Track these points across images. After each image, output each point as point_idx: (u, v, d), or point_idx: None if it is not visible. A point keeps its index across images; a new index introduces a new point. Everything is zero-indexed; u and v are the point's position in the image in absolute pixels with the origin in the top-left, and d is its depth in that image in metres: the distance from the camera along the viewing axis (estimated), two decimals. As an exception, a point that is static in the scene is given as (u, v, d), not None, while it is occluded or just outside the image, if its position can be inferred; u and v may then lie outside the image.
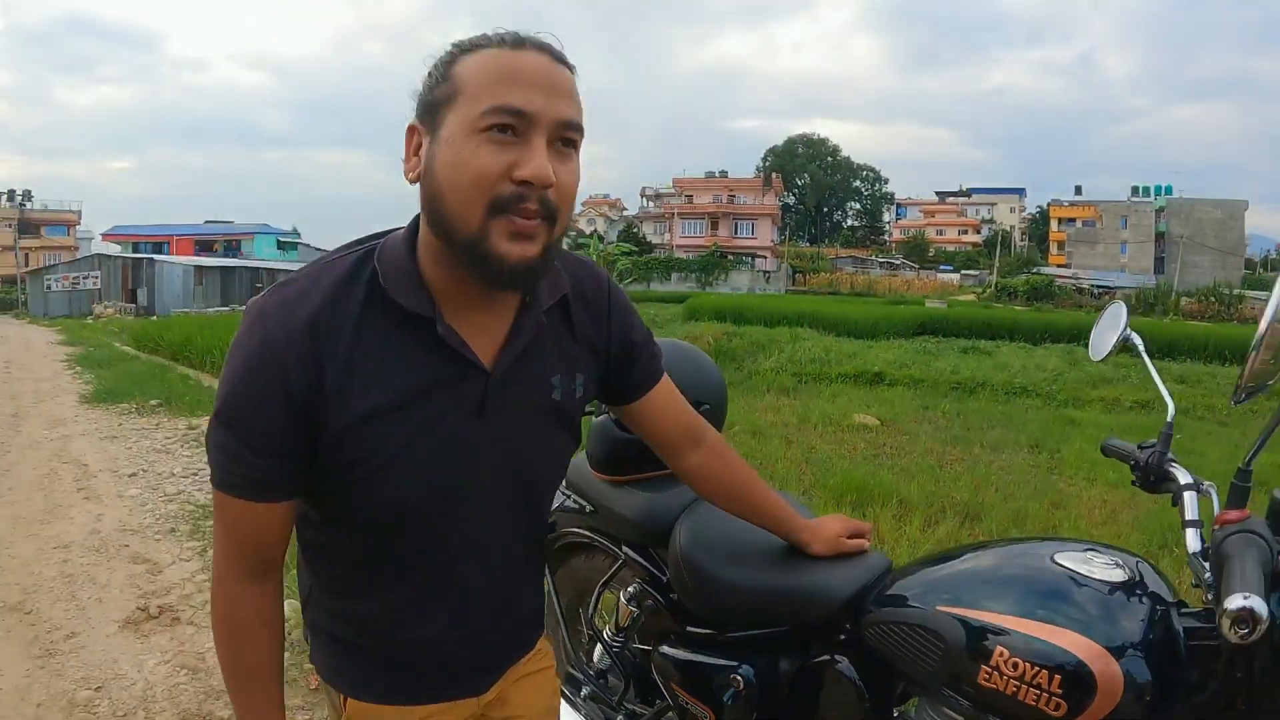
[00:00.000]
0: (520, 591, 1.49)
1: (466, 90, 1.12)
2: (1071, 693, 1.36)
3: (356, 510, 1.25)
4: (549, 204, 1.14)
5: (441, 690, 1.43)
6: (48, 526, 6.05)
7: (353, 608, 1.37)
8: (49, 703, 3.63)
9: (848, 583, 1.79)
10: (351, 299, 1.19)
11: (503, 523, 1.37)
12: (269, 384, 1.15)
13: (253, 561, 1.28)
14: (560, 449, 1.42)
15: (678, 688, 2.06)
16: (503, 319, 1.28)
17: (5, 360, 19.45)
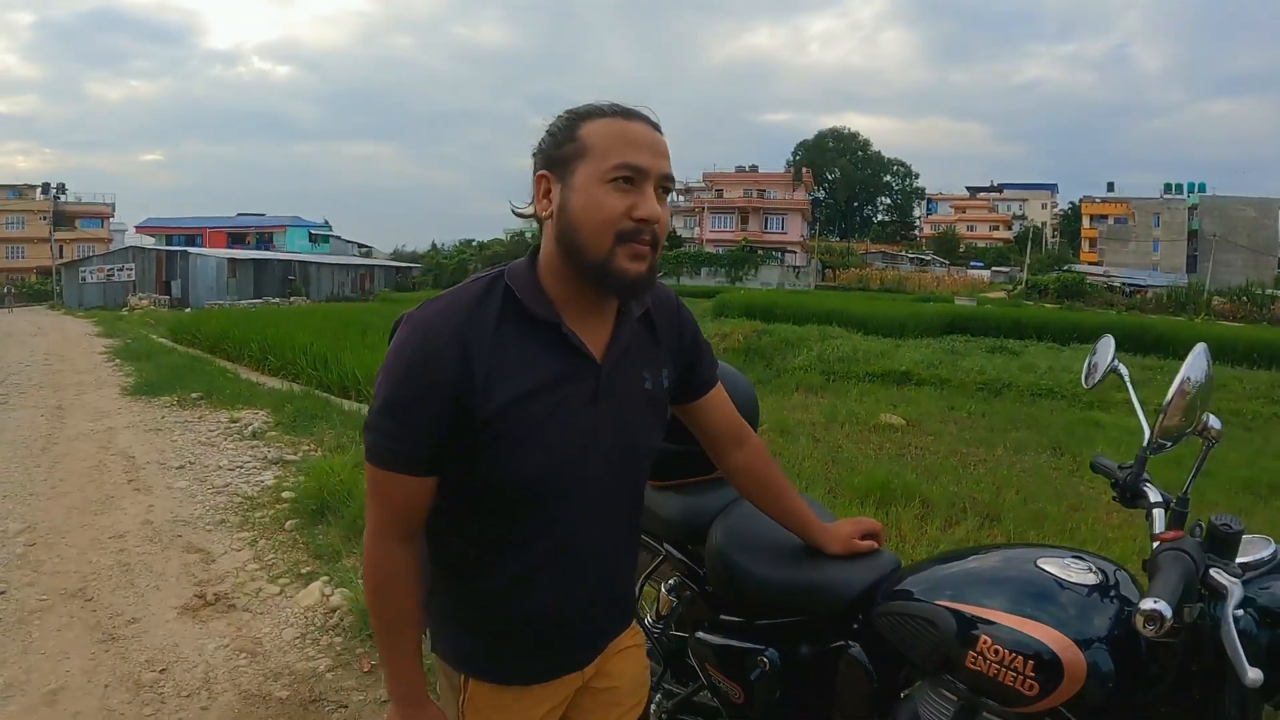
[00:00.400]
0: (621, 566, 1.76)
1: (595, 150, 1.48)
2: (1042, 676, 1.60)
3: (494, 486, 1.53)
4: (655, 235, 1.51)
5: (554, 667, 1.69)
6: (101, 517, 6.31)
7: (476, 586, 1.64)
8: (116, 684, 3.86)
9: (860, 579, 2.04)
10: (487, 311, 1.51)
11: (611, 498, 1.65)
12: (428, 380, 1.46)
13: (400, 527, 1.57)
14: (654, 433, 1.71)
15: (712, 669, 2.32)
16: (606, 326, 1.61)
17: (45, 352, 19.87)
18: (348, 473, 6.42)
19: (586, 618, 1.71)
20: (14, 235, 77.19)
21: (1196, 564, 1.54)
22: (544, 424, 1.51)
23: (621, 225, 1.47)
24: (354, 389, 11.80)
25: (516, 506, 1.56)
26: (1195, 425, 1.81)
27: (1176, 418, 1.79)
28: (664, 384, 1.72)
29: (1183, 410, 1.79)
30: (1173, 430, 1.80)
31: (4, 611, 4.58)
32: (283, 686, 3.84)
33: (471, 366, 1.47)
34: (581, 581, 1.65)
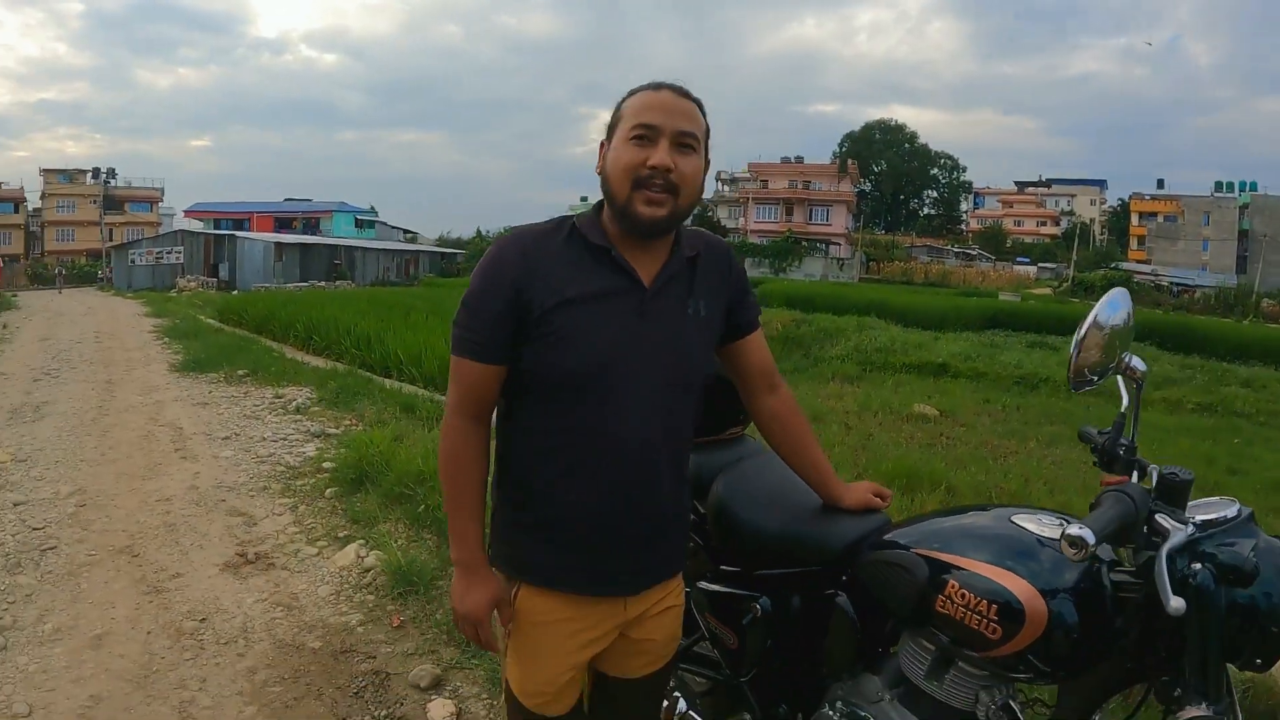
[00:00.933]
0: (667, 485, 1.91)
1: (624, 117, 1.82)
2: (1005, 621, 1.70)
3: (543, 374, 1.81)
4: (671, 183, 1.77)
5: (597, 580, 1.89)
6: (149, 482, 6.56)
7: (529, 480, 1.89)
8: (158, 631, 4.07)
9: (849, 532, 2.16)
10: (554, 239, 1.85)
11: (658, 409, 1.85)
12: (495, 279, 1.80)
13: (470, 406, 1.87)
14: (698, 353, 1.93)
15: (709, 616, 2.46)
16: (657, 260, 1.88)
17: (96, 331, 20.30)
18: (387, 445, 6.59)
19: (629, 528, 1.88)
20: (64, 218, 78.41)
21: (1137, 506, 1.64)
22: (589, 325, 1.78)
23: (637, 173, 1.76)
24: (396, 369, 12.00)
25: (564, 397, 1.82)
26: (1117, 364, 1.91)
27: (1095, 354, 1.88)
28: (702, 312, 1.93)
29: (1100, 347, 1.87)
30: (1095, 367, 1.90)
31: (55, 565, 4.81)
32: (316, 638, 4.03)
33: (532, 271, 1.78)
34: (624, 486, 1.85)
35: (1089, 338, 1.86)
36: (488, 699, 3.50)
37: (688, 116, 1.82)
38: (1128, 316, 1.93)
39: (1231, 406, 13.45)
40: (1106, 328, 1.87)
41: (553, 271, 1.79)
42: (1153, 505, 1.68)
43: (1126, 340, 1.93)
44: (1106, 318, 1.88)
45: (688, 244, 1.93)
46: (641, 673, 2.06)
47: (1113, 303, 1.91)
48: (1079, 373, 1.90)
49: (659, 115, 1.78)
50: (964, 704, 1.90)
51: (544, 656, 1.93)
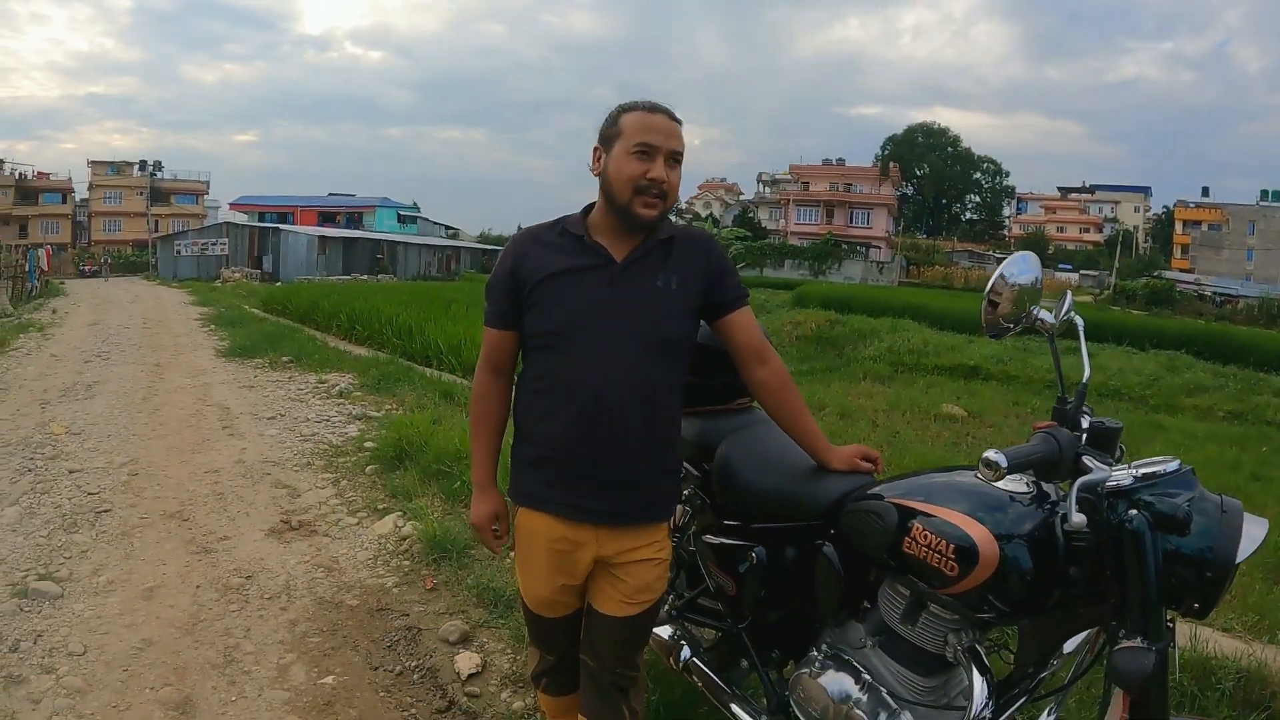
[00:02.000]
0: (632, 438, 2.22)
1: (625, 133, 2.20)
2: (961, 560, 1.94)
3: (535, 330, 2.25)
4: (664, 191, 2.20)
5: (572, 504, 2.26)
6: (198, 455, 6.86)
7: (525, 421, 2.32)
8: (206, 585, 4.36)
9: (836, 489, 2.40)
10: (550, 232, 2.33)
11: (619, 361, 2.19)
12: (501, 268, 2.33)
13: (491, 362, 2.41)
14: (669, 320, 2.27)
15: (712, 565, 2.75)
16: (632, 243, 2.26)
17: (143, 318, 20.76)
18: (425, 427, 6.86)
19: (600, 467, 2.23)
20: (111, 210, 79.67)
21: (1062, 447, 1.88)
22: (564, 292, 2.22)
23: (639, 182, 2.17)
24: (436, 358, 12.29)
25: (548, 351, 2.25)
26: (1028, 316, 2.21)
27: (1006, 307, 2.19)
28: (673, 285, 2.26)
29: (1011, 301, 2.18)
30: (1007, 317, 2.21)
31: (109, 526, 5.12)
32: (354, 597, 4.30)
33: (526, 258, 2.28)
34: (593, 426, 2.19)
35: (997, 291, 2.17)
36: (511, 653, 3.73)
37: (677, 138, 2.23)
38: (1035, 280, 2.21)
39: (1263, 415, 13.35)
40: (1013, 283, 2.18)
41: (541, 255, 2.26)
42: (1080, 449, 1.90)
43: (1035, 297, 2.20)
44: (1012, 274, 2.19)
45: (663, 231, 2.30)
46: (616, 612, 2.34)
47: (1019, 265, 2.21)
48: (992, 323, 2.22)
49: (658, 137, 2.19)
50: (934, 646, 2.13)
51: (535, 569, 2.36)
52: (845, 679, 2.25)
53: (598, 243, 2.26)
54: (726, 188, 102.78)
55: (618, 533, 2.28)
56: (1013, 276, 2.19)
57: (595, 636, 2.39)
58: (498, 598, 4.15)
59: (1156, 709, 1.76)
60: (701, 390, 2.65)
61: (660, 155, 2.18)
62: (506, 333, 2.34)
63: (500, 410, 2.45)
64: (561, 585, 2.35)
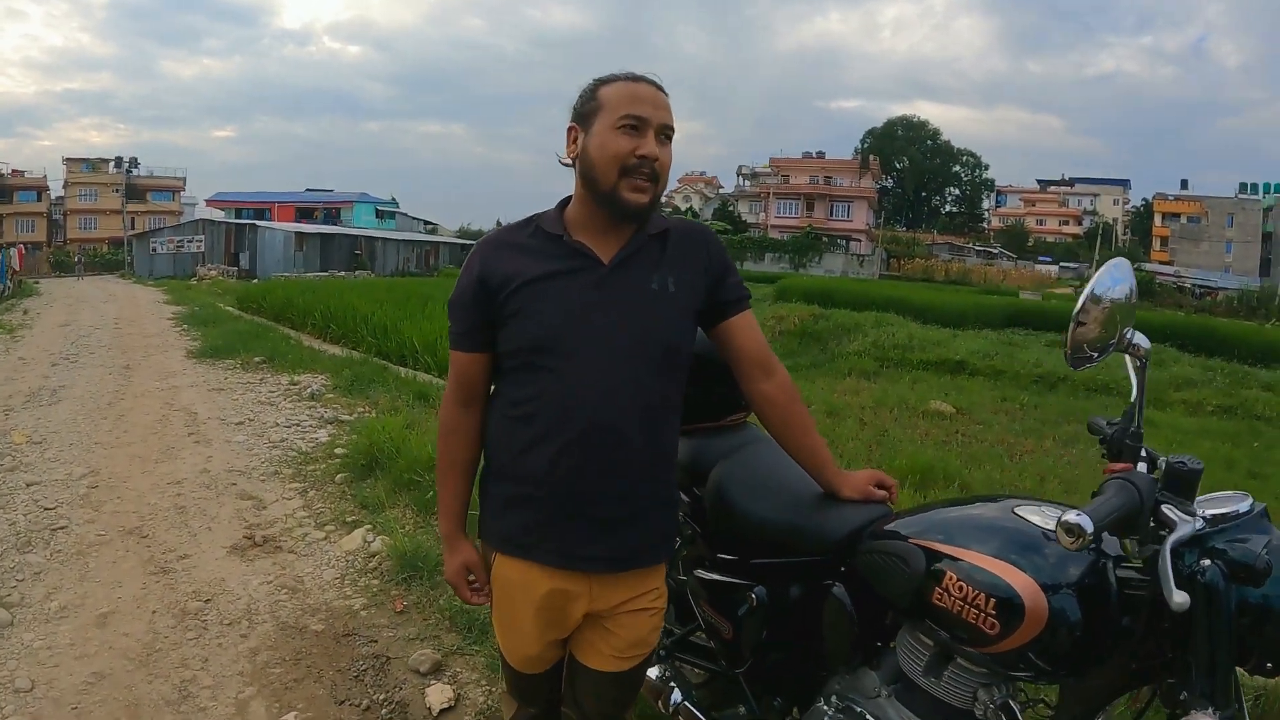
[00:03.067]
0: (633, 470, 1.93)
1: (608, 105, 1.88)
2: (1004, 616, 1.64)
3: (512, 346, 1.92)
4: (655, 171, 1.88)
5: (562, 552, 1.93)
6: (161, 465, 6.58)
7: (503, 452, 1.99)
8: (163, 610, 4.09)
9: (847, 523, 2.10)
10: (520, 233, 1.99)
11: (615, 378, 1.88)
12: (465, 281, 1.98)
13: (462, 393, 2.05)
14: (665, 326, 1.96)
15: (705, 605, 2.44)
16: (620, 240, 1.96)
17: (115, 317, 20.46)
18: (398, 432, 6.60)
19: (595, 505, 1.91)
20: (87, 207, 78.85)
21: (1143, 496, 1.57)
22: (545, 300, 1.89)
23: (626, 161, 1.85)
24: (411, 357, 12.02)
25: (530, 368, 1.91)
26: (1119, 341, 1.80)
27: (1094, 329, 1.78)
28: (669, 287, 1.96)
29: (1101, 322, 1.77)
30: (1094, 342, 1.79)
31: (64, 544, 4.84)
32: (319, 621, 4.03)
33: (495, 264, 1.94)
34: (585, 456, 1.88)
35: (1087, 311, 1.76)
36: (486, 685, 3.49)
37: (668, 110, 1.93)
38: (1130, 291, 1.80)
39: (1252, 410, 13.28)
40: (1105, 300, 1.77)
41: (513, 260, 1.94)
42: (1159, 495, 1.60)
43: (1129, 316, 1.80)
44: (1105, 290, 1.77)
45: (653, 223, 2.00)
46: (604, 667, 2.06)
47: (1112, 274, 1.80)
48: (1077, 348, 1.80)
49: (647, 108, 1.88)
50: (962, 702, 1.84)
51: (519, 625, 2.04)
52: (859, 734, 1.97)
53: (579, 242, 1.94)
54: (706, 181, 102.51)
55: (615, 581, 1.97)
56: (1106, 292, 1.78)
57: (581, 692, 2.11)
58: (471, 622, 3.89)
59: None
60: (694, 405, 2.20)
61: (651, 129, 1.87)
62: (477, 355, 2.00)
63: (473, 449, 2.09)
64: (550, 641, 2.05)
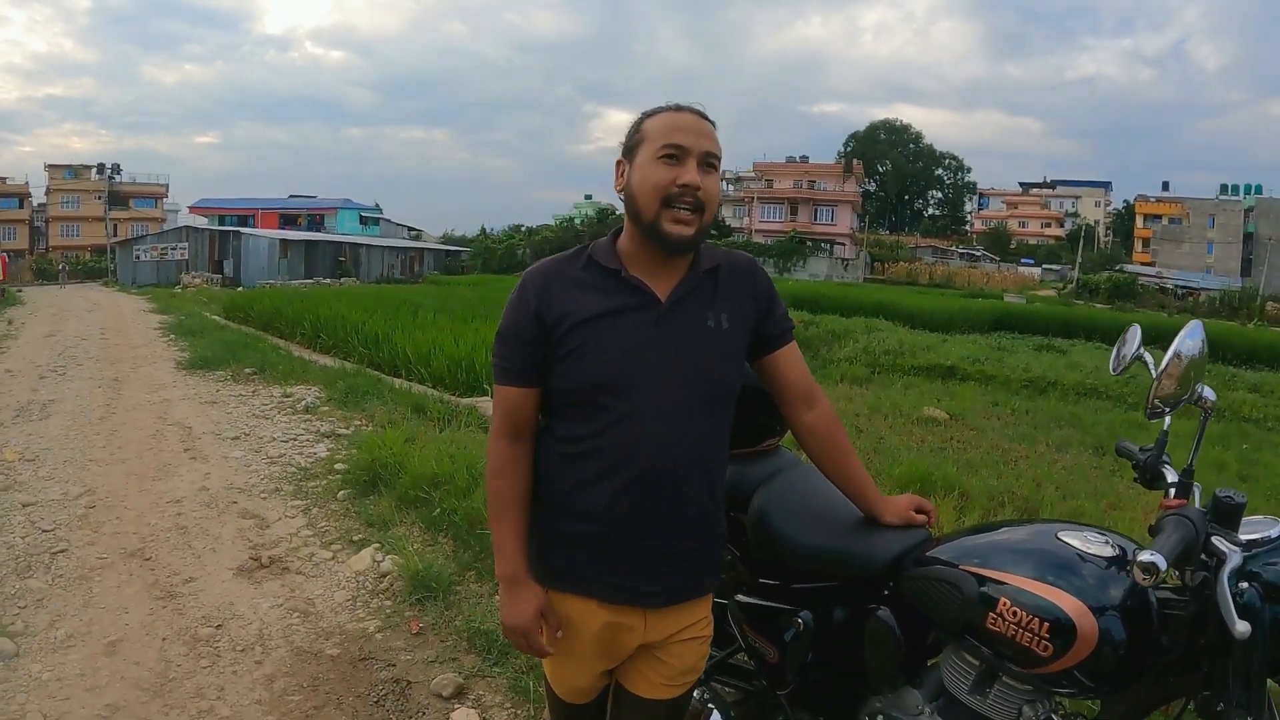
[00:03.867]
0: (689, 508, 1.94)
1: (650, 137, 1.89)
2: (1057, 638, 1.72)
3: (569, 384, 1.90)
4: (699, 201, 1.87)
5: (616, 588, 1.93)
6: (159, 483, 6.51)
7: (556, 488, 1.96)
8: (173, 637, 4.02)
9: (891, 547, 2.14)
10: (573, 266, 1.97)
11: (680, 418, 1.90)
12: (519, 313, 1.92)
13: (509, 428, 1.97)
14: (721, 364, 1.97)
15: (748, 629, 2.45)
16: (675, 275, 1.95)
17: (101, 327, 20.27)
18: (399, 447, 6.56)
19: (650, 540, 1.91)
20: (69, 214, 78.54)
21: (1198, 530, 1.67)
22: (604, 339, 1.87)
23: (668, 191, 1.85)
24: (405, 368, 11.96)
25: (587, 408, 1.89)
26: (1190, 394, 1.96)
27: (1172, 386, 1.93)
28: (724, 324, 1.97)
29: (1177, 379, 1.93)
30: (1170, 397, 1.95)
31: (66, 568, 4.76)
32: (333, 645, 3.98)
33: (551, 298, 1.90)
34: (644, 494, 1.88)
35: (1170, 369, 1.91)
36: (511, 708, 3.46)
37: (711, 138, 1.92)
38: (1203, 346, 1.98)
39: (1239, 412, 13.37)
40: (1185, 359, 1.93)
41: (570, 295, 1.91)
42: (1210, 529, 1.71)
43: (1201, 371, 1.98)
44: (1187, 350, 1.94)
45: (706, 257, 2.00)
46: (654, 695, 2.07)
47: (1192, 334, 1.96)
48: (1159, 402, 1.96)
49: (688, 136, 1.88)
50: (1006, 718, 1.92)
51: (574, 659, 2.04)
52: (904, 752, 2.01)
53: (636, 278, 1.92)
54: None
55: (669, 615, 1.99)
56: (1186, 351, 1.94)
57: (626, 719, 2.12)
58: (491, 642, 3.86)
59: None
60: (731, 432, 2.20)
61: (692, 158, 1.86)
62: (529, 390, 1.95)
63: (526, 485, 2.00)
64: (594, 675, 2.07)
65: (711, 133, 1.93)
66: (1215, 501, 1.75)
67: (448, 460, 6.08)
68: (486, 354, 11.33)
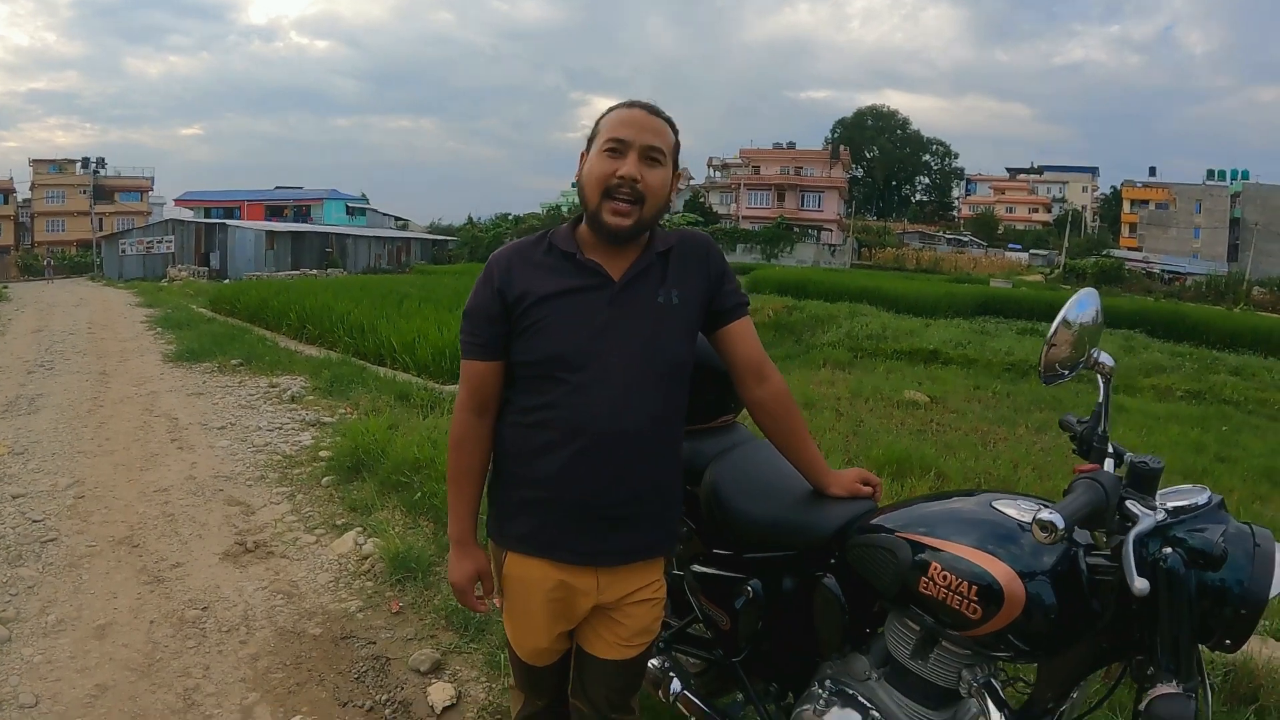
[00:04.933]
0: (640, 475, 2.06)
1: (601, 131, 2.03)
2: (985, 602, 1.80)
3: (528, 359, 2.03)
4: (638, 193, 1.98)
5: (569, 549, 2.06)
6: (147, 472, 6.60)
7: (514, 458, 2.10)
8: (161, 620, 4.13)
9: (836, 518, 2.25)
10: (536, 249, 2.11)
11: (625, 390, 2.00)
12: (484, 291, 2.07)
13: (474, 401, 2.12)
14: (673, 338, 2.08)
15: (703, 598, 2.59)
16: (629, 257, 2.08)
17: (88, 321, 20.21)
18: (382, 433, 6.67)
19: (602, 504, 2.04)
20: (54, 209, 78.26)
21: (1108, 493, 1.72)
22: (561, 316, 2.01)
23: (608, 182, 1.98)
24: (390, 357, 11.99)
25: (544, 380, 2.02)
26: (1087, 359, 2.00)
27: (1065, 350, 1.98)
28: (674, 300, 2.08)
29: (1070, 344, 1.98)
30: (1065, 362, 2.00)
31: (55, 556, 4.86)
32: (316, 625, 4.10)
33: (513, 278, 2.05)
34: (599, 462, 2.00)
35: (1059, 335, 1.95)
36: (486, 682, 3.57)
37: (656, 133, 2.02)
38: (1096, 314, 2.02)
39: (1220, 394, 13.54)
40: (1075, 325, 1.98)
41: (531, 276, 2.05)
42: (1124, 492, 1.76)
43: (1095, 337, 2.01)
44: (1075, 316, 1.98)
45: (660, 241, 2.12)
46: (611, 655, 2.18)
47: (1082, 302, 2.01)
48: (1049, 367, 2.00)
49: (629, 130, 1.99)
50: (947, 682, 2.00)
51: (530, 620, 2.16)
52: (852, 715, 2.12)
53: (592, 260, 2.05)
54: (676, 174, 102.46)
55: (620, 575, 2.11)
56: (1075, 318, 1.99)
57: (589, 681, 2.23)
58: (468, 620, 3.97)
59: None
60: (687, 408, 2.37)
61: (632, 151, 1.98)
62: (493, 364, 2.09)
63: (485, 456, 2.18)
64: (558, 634, 2.18)
65: (658, 127, 2.04)
66: (1132, 467, 1.80)
67: (429, 446, 6.19)
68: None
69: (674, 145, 2.08)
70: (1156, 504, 1.73)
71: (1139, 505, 1.73)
